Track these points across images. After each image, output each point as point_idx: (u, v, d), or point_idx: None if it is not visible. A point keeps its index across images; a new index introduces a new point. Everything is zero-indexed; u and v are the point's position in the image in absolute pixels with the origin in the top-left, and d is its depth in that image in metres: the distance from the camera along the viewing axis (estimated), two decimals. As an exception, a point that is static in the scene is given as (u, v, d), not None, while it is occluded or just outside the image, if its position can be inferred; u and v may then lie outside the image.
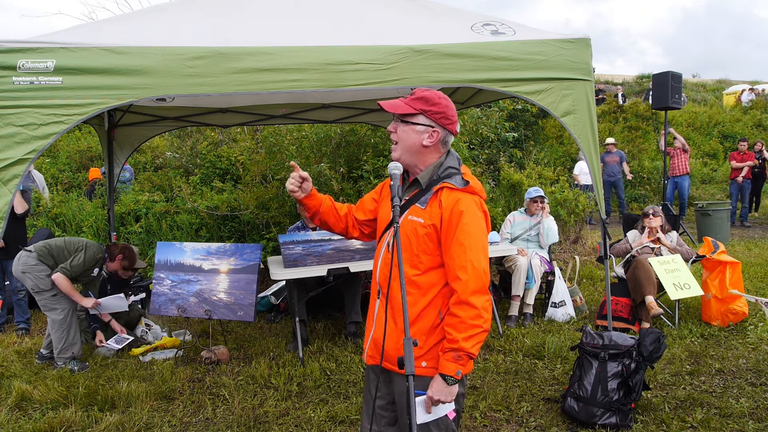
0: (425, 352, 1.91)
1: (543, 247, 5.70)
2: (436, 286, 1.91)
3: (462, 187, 1.91)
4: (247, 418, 3.53)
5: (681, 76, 8.82)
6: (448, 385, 1.81)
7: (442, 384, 1.81)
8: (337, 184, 6.77)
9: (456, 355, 1.80)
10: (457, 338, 1.80)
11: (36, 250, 4.48)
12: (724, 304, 4.89)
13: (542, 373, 4.08)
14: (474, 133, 8.03)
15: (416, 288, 1.91)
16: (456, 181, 1.92)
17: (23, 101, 2.88)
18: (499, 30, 3.51)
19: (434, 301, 1.91)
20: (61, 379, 4.16)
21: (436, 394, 1.82)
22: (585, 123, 3.54)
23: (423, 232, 1.90)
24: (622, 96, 20.11)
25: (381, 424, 2.07)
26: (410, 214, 1.94)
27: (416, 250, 1.91)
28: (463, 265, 1.84)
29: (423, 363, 1.90)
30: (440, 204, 1.89)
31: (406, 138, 1.94)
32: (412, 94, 1.97)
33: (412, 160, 1.97)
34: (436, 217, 1.89)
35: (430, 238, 1.90)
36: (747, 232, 10.39)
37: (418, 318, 1.91)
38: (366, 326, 2.12)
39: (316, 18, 3.62)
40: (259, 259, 4.68)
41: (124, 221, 7.43)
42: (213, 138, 10.62)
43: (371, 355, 2.02)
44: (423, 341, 1.90)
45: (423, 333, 1.91)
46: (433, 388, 1.83)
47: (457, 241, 1.85)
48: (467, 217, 1.87)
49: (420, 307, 1.91)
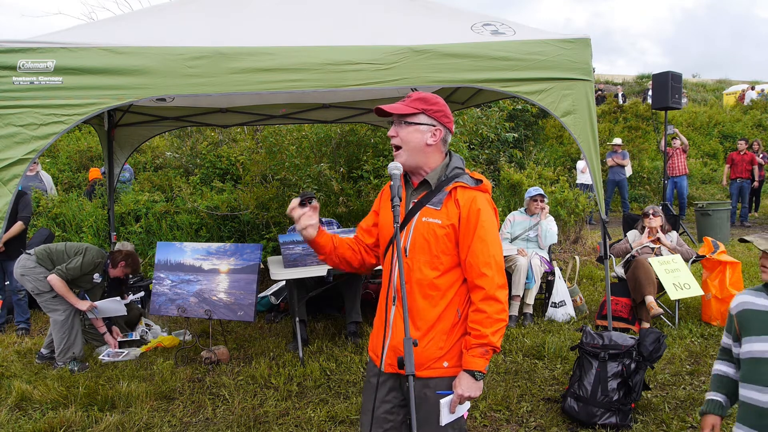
0: (446, 352, 1.91)
1: (542, 248, 5.70)
2: (455, 285, 1.93)
3: (475, 186, 1.94)
4: (247, 418, 3.53)
5: (681, 76, 8.82)
6: (477, 381, 1.84)
7: (471, 380, 1.83)
8: (337, 184, 6.77)
9: (484, 350, 1.83)
10: (486, 333, 1.82)
11: (36, 253, 4.48)
12: (724, 304, 4.89)
13: (542, 373, 4.08)
14: (474, 133, 8.03)
15: (436, 290, 1.91)
16: (467, 180, 1.94)
17: (23, 101, 2.88)
18: (499, 30, 3.51)
19: (453, 300, 1.92)
20: (61, 379, 4.16)
21: (466, 391, 1.83)
22: (585, 123, 3.54)
23: (442, 232, 1.90)
24: (622, 96, 20.12)
25: (385, 427, 2.03)
26: (424, 215, 1.93)
27: (435, 252, 1.91)
28: (487, 261, 1.86)
29: (444, 363, 1.90)
30: (457, 203, 1.91)
31: (410, 139, 1.94)
32: (409, 96, 1.97)
33: (417, 162, 1.96)
34: (454, 217, 1.90)
35: (450, 239, 1.90)
36: (747, 233, 10.38)
37: (438, 319, 1.91)
38: (374, 332, 2.08)
39: (316, 18, 3.62)
40: (259, 259, 4.68)
41: (124, 221, 7.43)
42: (213, 138, 10.62)
43: (390, 364, 1.97)
44: (443, 341, 1.90)
45: (444, 333, 1.91)
46: (462, 385, 1.84)
47: (479, 238, 1.87)
48: (484, 215, 1.89)
49: (441, 308, 1.91)
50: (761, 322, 1.89)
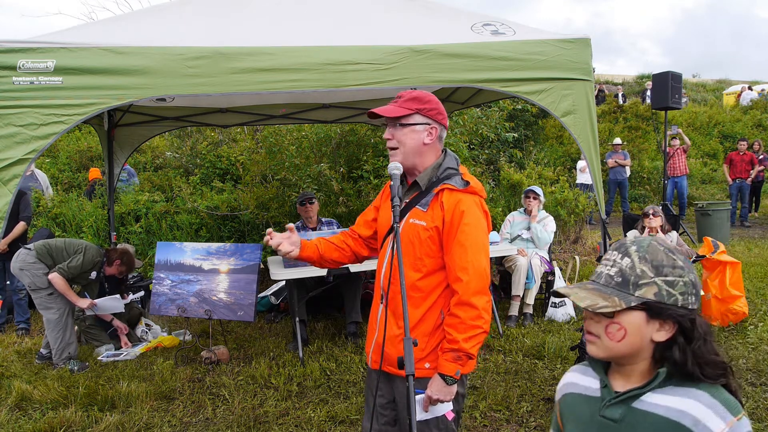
0: (428, 354, 1.91)
1: (541, 248, 5.70)
2: (439, 288, 1.91)
3: (463, 188, 1.91)
4: (247, 418, 3.53)
5: (681, 76, 8.82)
6: (447, 385, 1.82)
7: (441, 383, 1.82)
8: (337, 184, 6.77)
9: (456, 356, 1.80)
10: (458, 339, 1.80)
11: (36, 248, 4.48)
12: (724, 304, 4.89)
13: (542, 373, 4.08)
14: (474, 133, 8.03)
15: (419, 292, 1.91)
16: (456, 182, 1.91)
17: (23, 101, 2.87)
18: (499, 30, 3.51)
19: (437, 302, 1.91)
20: (61, 379, 4.16)
21: (435, 393, 1.82)
22: (585, 123, 3.53)
23: (426, 235, 1.89)
24: (622, 96, 20.11)
25: (381, 422, 2.08)
26: (412, 217, 1.93)
27: (419, 254, 1.90)
28: (464, 266, 1.83)
29: (426, 365, 1.90)
30: (441, 206, 1.89)
31: (407, 140, 1.92)
32: (400, 97, 1.95)
33: (413, 162, 1.95)
34: (438, 219, 1.88)
35: (433, 241, 1.89)
36: (747, 232, 10.39)
37: (420, 321, 1.91)
38: (368, 330, 2.11)
39: (316, 18, 3.62)
40: (259, 259, 4.68)
41: (124, 221, 7.43)
42: (213, 138, 10.62)
43: (375, 360, 2.01)
44: (425, 343, 1.90)
45: (425, 335, 1.91)
46: (432, 387, 1.83)
47: (458, 242, 1.85)
48: (468, 218, 1.86)
49: (423, 309, 1.91)
50: (577, 417, 1.27)
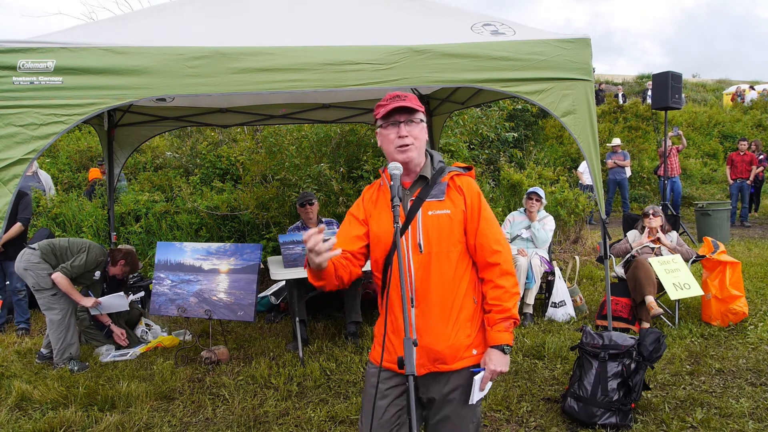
0: (473, 340, 1.96)
1: (540, 248, 5.70)
2: (466, 274, 1.96)
3: (467, 172, 2.04)
4: (247, 418, 3.53)
5: (681, 76, 8.81)
6: (505, 354, 1.90)
7: (500, 354, 1.90)
8: (337, 184, 6.77)
9: (508, 324, 1.89)
10: (508, 307, 1.89)
11: (40, 248, 4.48)
12: (724, 304, 4.89)
13: (542, 373, 4.08)
14: (474, 133, 8.03)
15: (453, 280, 1.94)
16: (458, 168, 2.04)
17: (23, 101, 2.87)
18: (499, 30, 3.51)
19: (468, 289, 1.96)
20: (61, 379, 4.16)
21: (498, 366, 1.89)
22: (585, 123, 3.53)
23: (455, 220, 1.94)
24: (622, 96, 20.11)
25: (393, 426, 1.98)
26: (429, 209, 1.93)
27: (452, 242, 1.93)
28: (497, 239, 1.95)
29: (474, 351, 1.96)
30: (459, 190, 1.97)
31: (421, 137, 1.97)
32: (399, 97, 1.91)
33: (421, 158, 2.00)
34: (460, 203, 1.96)
35: (460, 226, 1.95)
36: (747, 232, 10.39)
37: (461, 309, 1.94)
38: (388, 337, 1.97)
39: (316, 18, 3.62)
40: (259, 259, 4.68)
41: (124, 221, 7.43)
42: (213, 138, 10.62)
43: (422, 364, 1.93)
44: (470, 329, 1.95)
45: (467, 321, 1.96)
46: (494, 360, 1.89)
47: (485, 219, 1.96)
48: (483, 197, 2.00)
49: (460, 298, 1.94)
50: None
